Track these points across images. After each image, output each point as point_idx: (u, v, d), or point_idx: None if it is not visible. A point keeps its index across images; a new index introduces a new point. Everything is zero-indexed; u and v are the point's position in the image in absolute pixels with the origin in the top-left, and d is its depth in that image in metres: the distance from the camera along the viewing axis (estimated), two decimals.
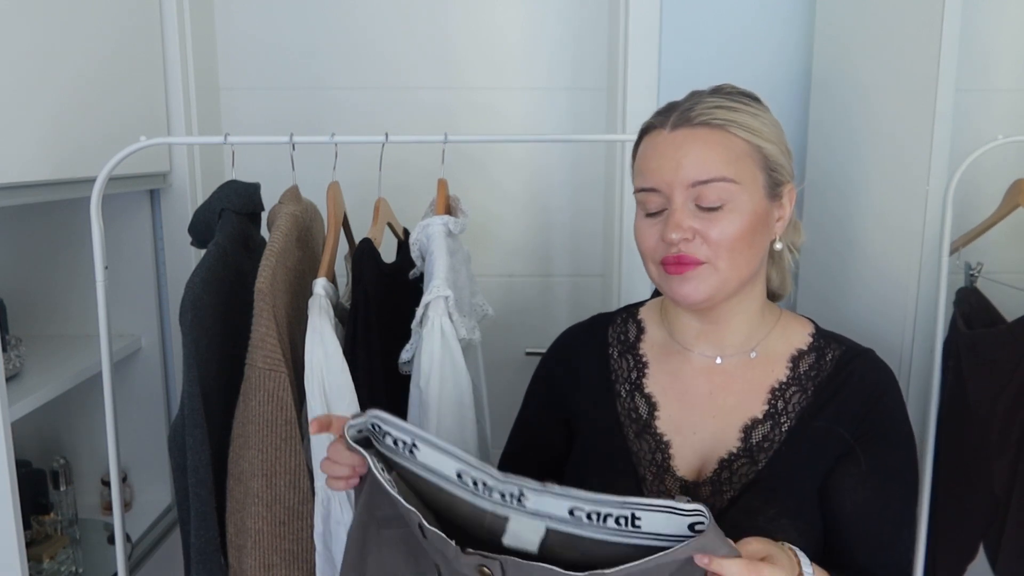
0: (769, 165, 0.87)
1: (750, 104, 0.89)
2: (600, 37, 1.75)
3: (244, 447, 0.99)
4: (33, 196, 1.19)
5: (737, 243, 0.85)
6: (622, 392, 0.97)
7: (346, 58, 1.75)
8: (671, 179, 0.86)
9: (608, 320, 1.04)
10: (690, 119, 0.87)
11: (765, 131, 0.88)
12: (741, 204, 0.85)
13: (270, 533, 0.99)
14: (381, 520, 0.82)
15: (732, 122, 0.86)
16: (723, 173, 0.84)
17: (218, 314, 1.02)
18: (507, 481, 0.75)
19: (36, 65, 1.17)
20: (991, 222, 1.32)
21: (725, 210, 0.85)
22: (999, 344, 1.20)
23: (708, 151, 0.85)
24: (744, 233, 0.85)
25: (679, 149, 0.86)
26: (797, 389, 0.91)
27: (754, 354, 0.93)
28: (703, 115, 0.86)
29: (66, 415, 1.67)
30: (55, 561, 1.41)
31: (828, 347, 0.94)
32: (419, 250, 1.12)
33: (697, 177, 0.84)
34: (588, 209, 1.82)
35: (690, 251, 0.85)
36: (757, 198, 0.87)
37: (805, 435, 0.88)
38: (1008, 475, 1.19)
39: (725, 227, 0.85)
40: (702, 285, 0.86)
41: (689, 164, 0.85)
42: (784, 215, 0.91)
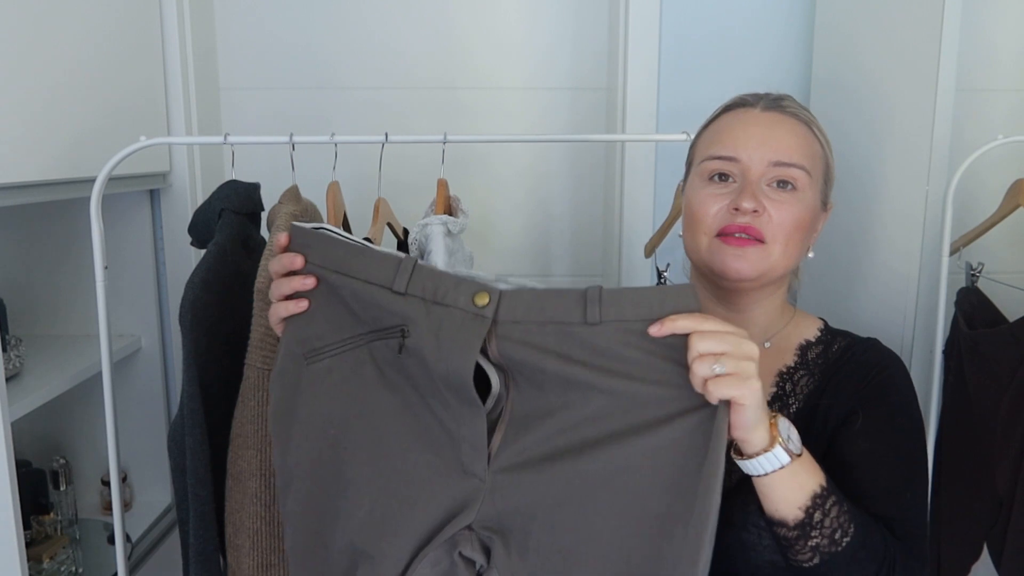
0: (827, 175, 0.95)
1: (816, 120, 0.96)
2: (600, 37, 1.75)
3: (243, 447, 0.99)
4: (33, 196, 1.19)
5: (795, 231, 0.90)
6: None
7: (346, 58, 1.75)
8: (753, 153, 0.89)
9: None
10: (782, 107, 0.93)
11: (829, 145, 0.95)
12: (807, 197, 0.91)
13: (268, 533, 0.99)
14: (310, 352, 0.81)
15: (815, 123, 0.94)
16: (804, 162, 0.90)
17: (218, 314, 1.02)
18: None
19: (35, 64, 1.17)
20: (992, 222, 1.32)
21: (795, 195, 0.90)
22: (1000, 344, 1.20)
23: (795, 139, 0.91)
24: (802, 224, 0.90)
25: (769, 128, 0.91)
26: (805, 373, 0.94)
27: (768, 344, 0.97)
28: (793, 108, 0.93)
29: (66, 415, 1.67)
30: (55, 561, 1.41)
31: (835, 340, 0.98)
32: (418, 249, 1.12)
33: (781, 158, 0.89)
34: (588, 209, 1.82)
35: (757, 224, 0.88)
36: (816, 198, 0.93)
37: (811, 415, 0.91)
38: (1011, 475, 1.19)
39: (791, 211, 0.89)
40: (754, 264, 0.89)
41: (776, 143, 0.90)
42: (819, 229, 0.97)
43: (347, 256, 0.79)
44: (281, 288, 0.83)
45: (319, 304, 0.82)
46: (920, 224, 1.21)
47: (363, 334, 0.80)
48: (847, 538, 0.79)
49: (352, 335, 0.80)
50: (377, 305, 0.78)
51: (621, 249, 1.67)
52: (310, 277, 0.81)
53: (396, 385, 0.79)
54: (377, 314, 0.79)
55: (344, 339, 0.80)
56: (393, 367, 0.79)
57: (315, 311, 0.82)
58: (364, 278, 0.78)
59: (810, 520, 0.78)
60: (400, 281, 0.77)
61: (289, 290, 0.83)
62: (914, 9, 1.21)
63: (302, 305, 0.82)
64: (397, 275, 0.77)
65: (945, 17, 1.14)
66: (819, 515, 0.78)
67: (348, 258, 0.79)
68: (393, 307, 0.77)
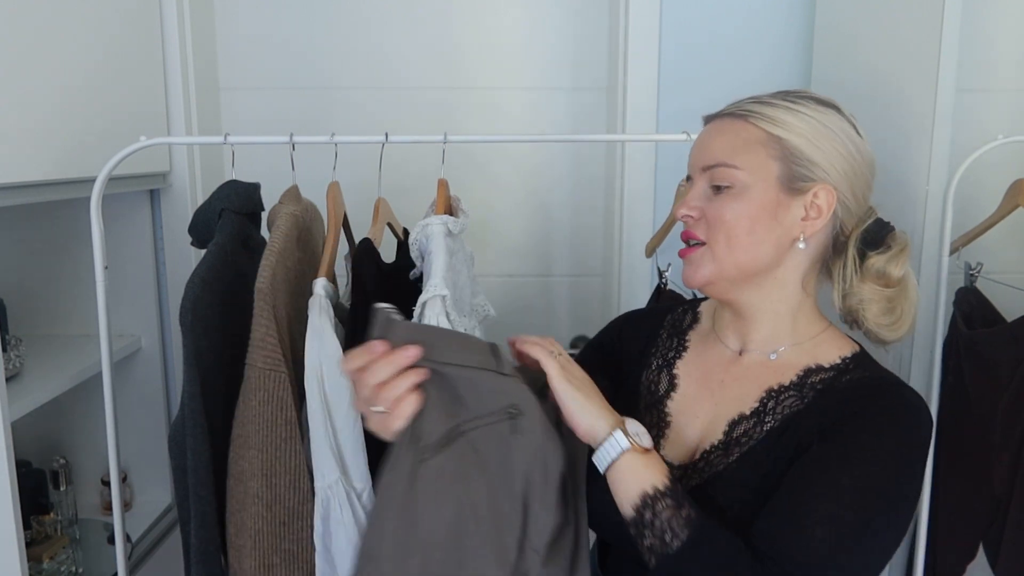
0: (789, 157, 0.87)
1: (804, 104, 0.89)
2: (600, 37, 1.75)
3: (244, 447, 0.99)
4: (33, 196, 1.19)
5: (733, 227, 0.87)
6: (653, 364, 1.01)
7: (346, 58, 1.75)
8: (692, 164, 0.93)
9: (668, 310, 1.09)
10: (723, 112, 0.92)
11: (796, 125, 0.87)
12: (744, 189, 0.87)
13: (270, 533, 0.99)
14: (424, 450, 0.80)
15: (755, 112, 0.89)
16: (721, 159, 0.88)
17: (218, 314, 1.02)
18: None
19: (36, 65, 1.17)
20: (991, 222, 1.32)
21: (729, 193, 0.88)
22: (999, 344, 1.20)
23: (718, 138, 0.90)
24: (741, 218, 0.87)
25: (701, 138, 0.93)
26: (794, 395, 0.89)
27: (774, 356, 0.93)
28: (734, 107, 0.91)
29: (66, 415, 1.67)
30: (55, 561, 1.41)
31: (852, 371, 0.89)
32: (419, 250, 1.12)
33: (704, 162, 0.90)
34: (588, 209, 1.82)
35: (694, 228, 0.91)
36: (765, 187, 0.87)
37: (781, 435, 0.87)
38: (1008, 475, 1.19)
39: (723, 208, 0.88)
40: (700, 269, 0.90)
41: (702, 150, 0.91)
42: (815, 217, 0.88)
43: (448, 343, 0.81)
44: (405, 383, 0.78)
45: (428, 394, 0.81)
46: (920, 224, 1.21)
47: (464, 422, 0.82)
48: (677, 541, 0.78)
49: (459, 422, 0.82)
50: (491, 389, 0.82)
51: (621, 249, 1.67)
52: (422, 369, 0.79)
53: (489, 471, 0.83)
54: (486, 396, 0.82)
55: (453, 427, 0.82)
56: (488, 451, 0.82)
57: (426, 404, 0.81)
58: (470, 364, 0.81)
59: (641, 519, 0.80)
60: (504, 364, 0.83)
61: (407, 387, 0.78)
62: (914, 9, 1.21)
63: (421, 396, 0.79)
64: (497, 359, 0.82)
65: (945, 17, 1.14)
66: (649, 515, 0.80)
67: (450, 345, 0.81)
68: (505, 387, 0.82)
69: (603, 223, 1.82)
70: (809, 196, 0.88)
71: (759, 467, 0.86)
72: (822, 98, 0.91)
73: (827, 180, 0.88)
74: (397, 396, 0.78)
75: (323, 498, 1.00)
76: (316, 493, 1.00)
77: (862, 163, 0.90)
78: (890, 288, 0.90)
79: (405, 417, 0.78)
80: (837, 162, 0.88)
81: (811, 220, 0.88)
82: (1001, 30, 1.54)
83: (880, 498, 0.80)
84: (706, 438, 0.92)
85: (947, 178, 1.18)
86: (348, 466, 1.01)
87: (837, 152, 0.88)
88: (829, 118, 0.89)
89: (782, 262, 0.90)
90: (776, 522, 0.80)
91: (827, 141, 0.88)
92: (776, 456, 0.86)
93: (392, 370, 0.78)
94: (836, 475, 0.80)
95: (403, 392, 0.78)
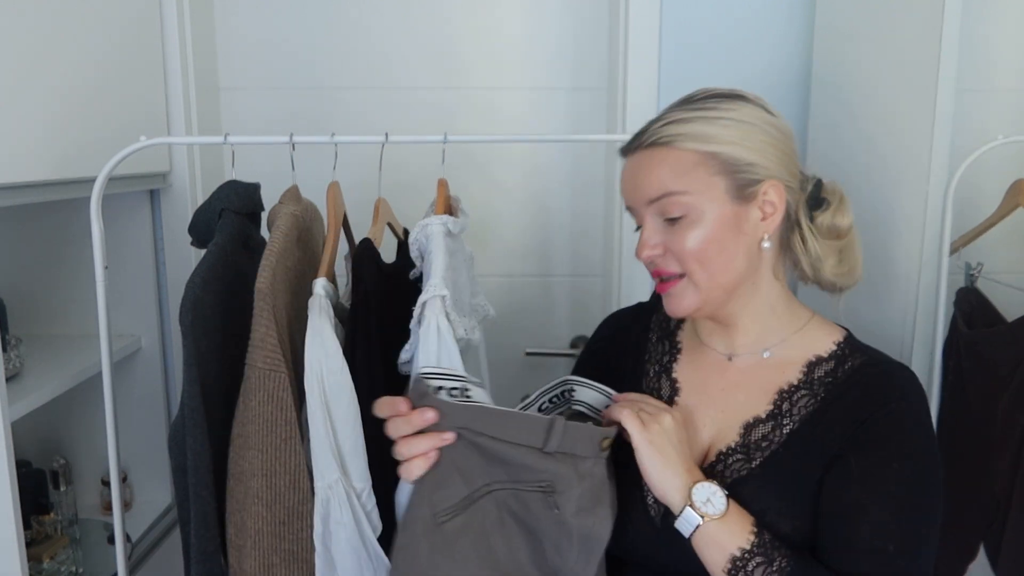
0: (731, 168, 0.87)
1: (715, 108, 0.89)
2: (600, 37, 1.75)
3: (244, 447, 0.99)
4: (33, 196, 1.19)
5: (704, 253, 0.87)
6: (650, 371, 1.01)
7: (346, 58, 1.75)
8: (633, 199, 0.91)
9: (653, 308, 1.07)
10: (641, 143, 0.91)
11: (722, 135, 0.87)
12: (699, 214, 0.87)
13: (270, 533, 0.99)
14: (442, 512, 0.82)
15: (678, 136, 0.88)
16: (669, 188, 0.87)
17: (218, 314, 1.02)
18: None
19: (36, 65, 1.17)
20: (991, 222, 1.32)
21: (685, 221, 0.87)
22: (999, 344, 1.20)
23: (653, 170, 0.89)
24: (708, 242, 0.87)
25: (633, 172, 0.91)
26: (807, 393, 0.90)
27: (767, 354, 0.93)
28: (652, 136, 0.90)
29: (66, 415, 1.67)
30: (55, 561, 1.41)
31: (850, 357, 0.91)
32: (418, 250, 1.12)
33: (648, 196, 0.89)
34: (588, 209, 1.82)
35: (664, 265, 0.90)
36: (719, 204, 0.87)
37: (806, 439, 0.87)
38: (1008, 475, 1.19)
39: (686, 238, 0.87)
40: (684, 300, 0.90)
41: (641, 185, 0.89)
42: (771, 213, 0.89)
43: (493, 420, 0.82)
44: (418, 446, 0.81)
45: (451, 458, 0.82)
46: (920, 224, 1.21)
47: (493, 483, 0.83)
48: None
49: (481, 485, 0.83)
50: (523, 464, 0.82)
51: (621, 249, 1.67)
52: (449, 433, 0.81)
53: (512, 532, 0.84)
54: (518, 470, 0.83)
55: (473, 491, 0.83)
56: (514, 514, 0.84)
57: (446, 467, 0.82)
58: (512, 440, 0.82)
59: None
60: (553, 442, 0.82)
61: (427, 447, 0.81)
62: (914, 9, 1.21)
63: (432, 458, 0.82)
64: (550, 437, 0.82)
65: (945, 17, 1.14)
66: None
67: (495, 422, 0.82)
68: (541, 465, 0.83)
69: (603, 223, 1.82)
70: (760, 197, 0.89)
71: (784, 472, 0.87)
72: (724, 91, 0.91)
73: (770, 175, 0.89)
74: (410, 455, 0.82)
75: (323, 498, 1.00)
76: (316, 493, 1.00)
77: (786, 140, 0.91)
78: (841, 240, 0.94)
79: (411, 476, 0.82)
80: (770, 153, 0.89)
81: (769, 217, 0.90)
82: (1001, 30, 1.54)
83: (927, 488, 0.86)
84: (717, 441, 0.92)
85: (947, 178, 1.18)
86: (348, 466, 1.01)
87: (766, 143, 0.89)
88: (743, 112, 0.89)
89: (756, 267, 0.91)
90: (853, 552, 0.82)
91: (754, 137, 0.88)
92: (804, 461, 0.86)
93: (409, 430, 0.82)
94: (888, 486, 0.83)
95: (415, 453, 0.82)
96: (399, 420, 0.82)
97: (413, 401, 0.82)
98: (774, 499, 0.86)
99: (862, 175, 1.36)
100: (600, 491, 0.84)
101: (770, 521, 0.84)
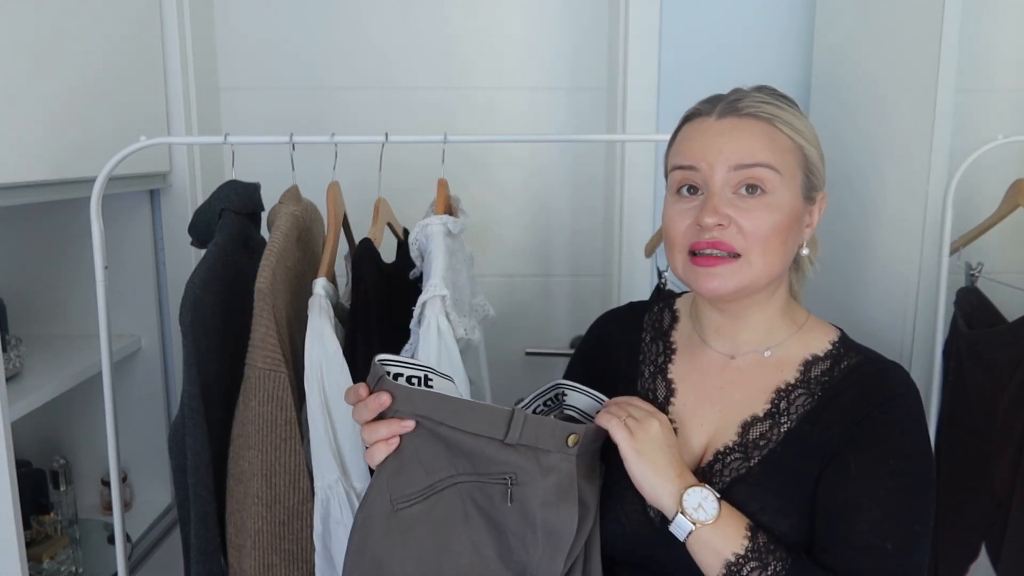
0: (808, 167, 0.88)
1: (792, 106, 0.90)
2: (600, 37, 1.75)
3: (244, 447, 0.99)
4: (33, 196, 1.19)
5: (772, 237, 0.85)
6: (645, 372, 0.99)
7: (346, 58, 1.75)
8: (713, 160, 0.85)
9: (644, 308, 1.06)
10: (738, 109, 0.87)
11: (807, 133, 0.89)
12: (780, 197, 0.85)
13: (270, 533, 0.99)
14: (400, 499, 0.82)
15: (778, 118, 0.87)
16: (769, 159, 0.85)
17: (218, 314, 1.02)
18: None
19: (36, 65, 1.17)
20: (991, 222, 1.32)
21: (764, 200, 0.85)
22: (999, 344, 1.20)
23: (755, 139, 0.86)
24: (780, 228, 0.85)
25: (725, 135, 0.86)
26: (804, 392, 0.90)
27: (768, 353, 0.93)
28: (751, 107, 0.87)
29: (66, 415, 1.67)
30: (55, 561, 1.41)
31: (846, 356, 0.91)
32: (418, 250, 1.12)
33: (741, 160, 0.84)
34: (588, 209, 1.82)
35: (725, 238, 0.84)
36: (795, 196, 0.87)
37: (803, 438, 0.88)
38: (1009, 475, 1.19)
39: (762, 217, 0.84)
40: (732, 280, 0.85)
41: (734, 148, 0.85)
42: (814, 222, 0.92)
43: (451, 408, 0.82)
44: (377, 432, 0.81)
45: (413, 446, 0.82)
46: (920, 224, 1.21)
47: (457, 475, 0.83)
48: None
49: (445, 476, 0.83)
50: (484, 455, 0.82)
51: (621, 249, 1.67)
52: (409, 420, 0.81)
53: (477, 526, 0.83)
54: (481, 462, 0.82)
55: (435, 481, 0.82)
56: (479, 508, 0.83)
57: (408, 455, 0.82)
58: (472, 431, 0.81)
59: None
60: (513, 434, 0.81)
61: (387, 433, 0.81)
62: (914, 10, 1.21)
63: (394, 444, 0.81)
64: (510, 429, 0.81)
65: (945, 17, 1.14)
66: None
67: (452, 410, 0.82)
68: (502, 456, 0.82)
69: (603, 223, 1.82)
70: (817, 203, 0.91)
71: (782, 470, 0.87)
72: (789, 96, 0.91)
73: (824, 186, 0.91)
74: (371, 440, 0.82)
75: (323, 498, 1.00)
76: (316, 493, 1.00)
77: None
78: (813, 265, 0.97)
79: (374, 461, 0.82)
80: (822, 163, 0.91)
81: (811, 226, 0.91)
82: (1000, 30, 1.54)
83: (923, 486, 0.85)
84: (715, 441, 0.92)
85: (947, 178, 1.18)
86: (348, 466, 1.01)
87: (821, 152, 0.91)
88: (808, 119, 0.91)
89: (788, 266, 0.92)
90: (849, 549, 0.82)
91: (819, 145, 0.90)
92: (802, 459, 0.86)
93: (368, 415, 0.81)
94: (885, 484, 0.83)
95: (375, 439, 0.81)
96: (360, 405, 0.82)
97: (370, 386, 0.82)
98: (772, 497, 0.86)
99: (862, 175, 1.36)
100: (567, 488, 0.83)
101: (768, 519, 0.84)
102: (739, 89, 0.91)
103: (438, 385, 0.84)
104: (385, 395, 0.80)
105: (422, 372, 0.84)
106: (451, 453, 0.82)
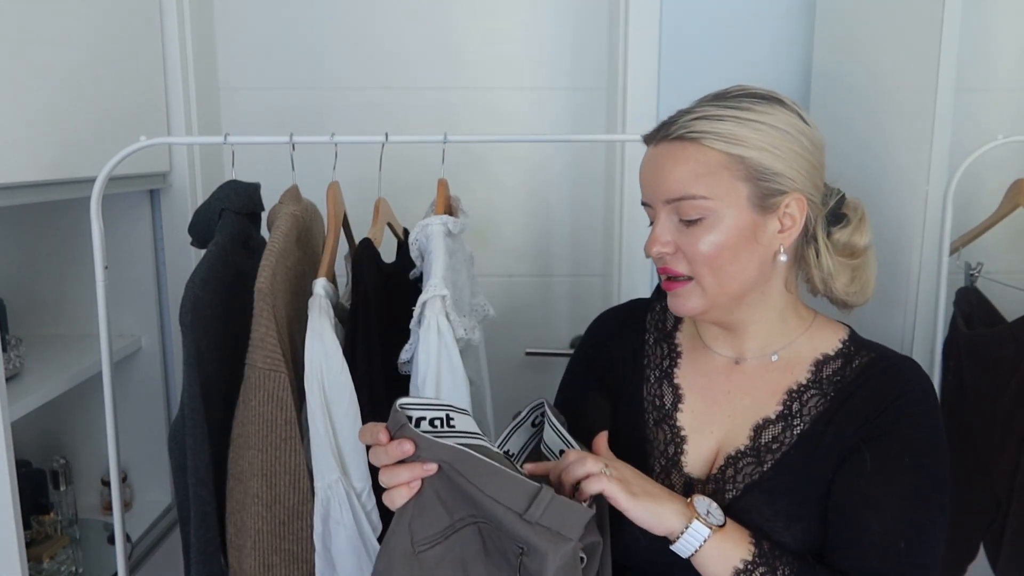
0: (756, 175, 0.84)
1: (749, 108, 0.85)
2: (600, 37, 1.75)
3: (244, 447, 0.99)
4: (33, 196, 1.19)
5: (716, 259, 0.85)
6: (651, 378, 0.98)
7: (346, 58, 1.75)
8: (651, 196, 0.89)
9: (647, 306, 1.04)
10: (668, 134, 0.87)
11: (753, 139, 0.84)
12: (717, 219, 0.84)
13: (270, 533, 0.99)
14: (421, 541, 0.80)
15: (708, 133, 0.84)
16: (690, 191, 0.84)
17: (218, 314, 1.02)
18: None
19: (35, 64, 1.17)
20: (991, 222, 1.32)
21: (702, 225, 0.85)
22: (999, 344, 1.20)
23: (677, 167, 0.85)
24: (723, 249, 0.85)
25: (656, 165, 0.88)
26: (816, 393, 0.89)
27: (775, 357, 0.92)
28: (680, 129, 0.86)
29: (66, 415, 1.67)
30: (55, 561, 1.41)
31: (857, 354, 0.90)
32: (418, 250, 1.12)
33: (668, 195, 0.86)
34: (588, 209, 1.82)
35: (673, 265, 0.88)
36: (738, 211, 0.85)
37: (817, 440, 0.87)
38: (1008, 475, 1.19)
39: (701, 243, 0.85)
40: (690, 301, 0.88)
41: (661, 181, 0.87)
42: (790, 227, 0.87)
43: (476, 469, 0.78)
44: (399, 476, 0.78)
45: (434, 488, 0.80)
46: (920, 224, 1.21)
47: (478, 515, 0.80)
48: None
49: (467, 515, 0.80)
50: (500, 523, 0.78)
51: (621, 249, 1.67)
52: (431, 464, 0.78)
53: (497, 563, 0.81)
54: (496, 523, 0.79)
55: (455, 520, 0.80)
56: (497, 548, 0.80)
57: (428, 496, 0.80)
58: (492, 496, 0.78)
59: None
60: (535, 512, 0.77)
61: (408, 478, 0.78)
62: (914, 9, 1.21)
63: (415, 488, 0.79)
64: (532, 506, 0.77)
65: (945, 17, 1.14)
66: None
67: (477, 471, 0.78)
68: (516, 529, 0.77)
69: (603, 223, 1.82)
70: (782, 209, 0.86)
71: (796, 473, 0.86)
72: (762, 92, 0.88)
73: (795, 187, 0.86)
74: (391, 484, 0.79)
75: (323, 498, 1.00)
76: (316, 493, 1.00)
77: (816, 153, 0.89)
78: (856, 259, 0.92)
79: (394, 505, 0.80)
80: (799, 165, 0.86)
81: (787, 231, 0.88)
82: (1001, 30, 1.54)
83: (937, 482, 0.84)
84: (725, 446, 0.91)
85: (947, 178, 1.18)
86: (348, 466, 1.01)
87: (795, 154, 0.86)
88: (778, 117, 0.86)
89: (768, 277, 0.89)
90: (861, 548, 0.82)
91: (785, 146, 0.85)
92: (815, 461, 0.86)
93: (388, 460, 0.79)
94: (900, 480, 0.83)
95: (396, 483, 0.79)
96: (378, 449, 0.79)
97: (391, 431, 0.79)
98: (786, 503, 0.85)
99: (862, 175, 1.36)
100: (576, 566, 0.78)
101: (781, 524, 0.84)
102: (699, 100, 0.89)
103: (459, 423, 0.82)
104: (408, 443, 0.77)
105: (443, 412, 0.82)
106: (467, 498, 0.79)
